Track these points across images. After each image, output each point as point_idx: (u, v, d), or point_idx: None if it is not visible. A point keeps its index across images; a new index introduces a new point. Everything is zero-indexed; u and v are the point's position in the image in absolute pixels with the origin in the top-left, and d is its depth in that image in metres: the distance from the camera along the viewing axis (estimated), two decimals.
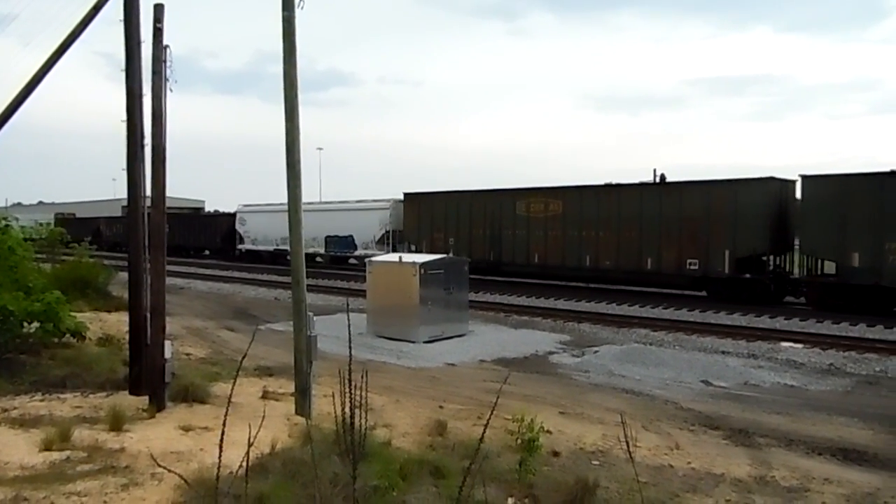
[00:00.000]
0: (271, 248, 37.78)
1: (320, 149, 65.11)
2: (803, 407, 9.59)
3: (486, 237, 26.85)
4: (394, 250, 28.57)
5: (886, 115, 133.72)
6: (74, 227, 53.26)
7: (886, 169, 17.89)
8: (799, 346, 14.23)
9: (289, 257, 7.72)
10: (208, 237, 44.53)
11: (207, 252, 44.87)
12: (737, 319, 17.89)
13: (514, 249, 26.01)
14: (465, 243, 27.35)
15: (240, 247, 40.65)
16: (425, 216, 29.16)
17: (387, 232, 31.37)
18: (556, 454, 6.88)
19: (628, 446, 4.72)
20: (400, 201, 31.08)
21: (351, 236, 33.58)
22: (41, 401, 8.22)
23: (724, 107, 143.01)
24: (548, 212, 25.16)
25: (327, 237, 34.49)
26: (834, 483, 6.35)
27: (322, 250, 35.22)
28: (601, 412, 8.83)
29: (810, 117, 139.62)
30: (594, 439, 7.53)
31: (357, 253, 33.13)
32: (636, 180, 24.09)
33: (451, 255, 24.36)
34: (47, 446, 6.15)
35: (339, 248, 34.63)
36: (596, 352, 13.54)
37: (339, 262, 36.03)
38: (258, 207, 39.65)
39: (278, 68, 7.84)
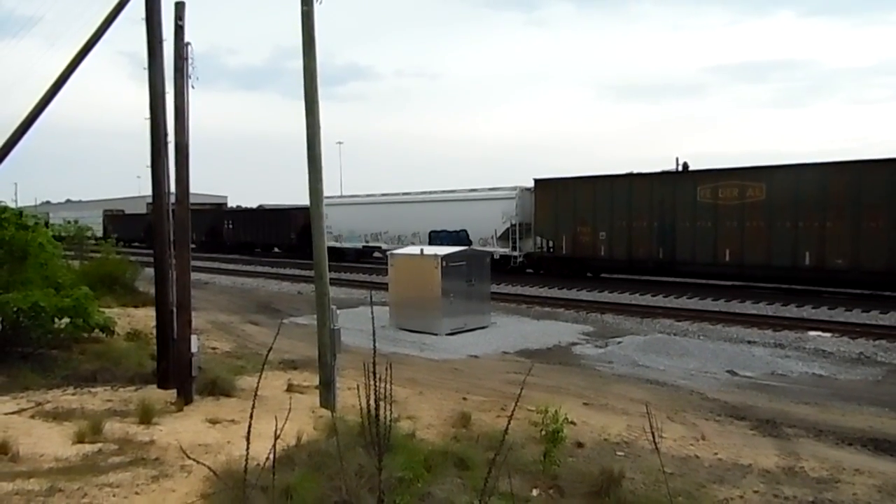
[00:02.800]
0: (359, 244, 33.85)
1: (340, 142, 65.34)
2: (832, 397, 9.43)
3: (653, 230, 22.28)
4: (514, 248, 26.20)
5: None
6: (124, 223, 52.69)
7: None
8: (827, 335, 13.99)
9: (377, 254, 7.63)
10: (279, 234, 40.32)
11: (277, 250, 41.50)
12: (763, 308, 17.65)
13: (695, 245, 21.32)
14: (622, 238, 23.08)
15: None
16: (565, 206, 24.52)
17: (512, 225, 26.39)
18: (580, 445, 6.86)
19: (653, 437, 4.68)
20: (528, 189, 26.55)
21: (464, 231, 28.33)
22: (73, 394, 8.40)
23: (746, 93, 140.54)
24: (744, 198, 20.39)
25: (431, 232, 29.57)
26: (865, 474, 6.24)
27: None
28: (625, 403, 8.78)
29: (834, 102, 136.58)
30: (619, 430, 7.49)
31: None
32: (658, 169, 23.58)
33: (602, 251, 23.35)
34: (80, 439, 6.29)
35: (449, 243, 28.68)
36: (619, 342, 13.45)
37: None
38: (342, 199, 35.57)
39: (298, 63, 7.91)
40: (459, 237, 28.27)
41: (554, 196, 25.16)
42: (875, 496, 5.72)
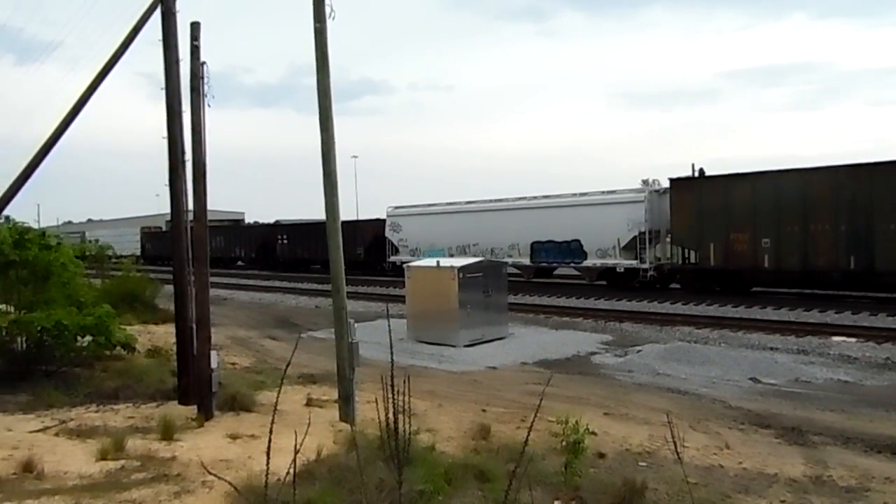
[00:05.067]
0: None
1: (355, 157, 65.67)
2: (859, 403, 9.26)
3: (839, 235, 18.39)
4: (637, 258, 22.86)
5: None
6: (161, 241, 50.45)
7: None
8: (852, 340, 13.76)
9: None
10: (345, 249, 38.05)
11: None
12: (784, 314, 17.40)
13: None
14: (793, 245, 19.16)
15: (393, 259, 31.71)
16: (713, 209, 20.77)
17: (641, 233, 22.69)
18: (601, 456, 6.78)
19: (676, 446, 4.62)
20: (659, 191, 23.11)
21: (576, 241, 24.78)
22: (96, 412, 8.49)
23: (762, 98, 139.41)
24: None
25: (534, 244, 26.13)
26: (895, 482, 6.11)
27: (526, 261, 26.61)
28: (646, 412, 8.68)
29: (852, 104, 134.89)
30: (640, 440, 7.40)
31: (587, 263, 24.78)
32: (672, 176, 23.02)
33: (766, 262, 19.58)
34: (103, 456, 6.34)
35: (556, 256, 25.86)
36: (639, 351, 13.32)
37: (548, 275, 27.96)
38: (417, 209, 31.93)
39: (312, 80, 7.98)
40: (571, 249, 25.05)
41: (697, 198, 21.37)
42: None
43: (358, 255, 35.09)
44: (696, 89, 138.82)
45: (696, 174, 22.56)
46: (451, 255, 27.19)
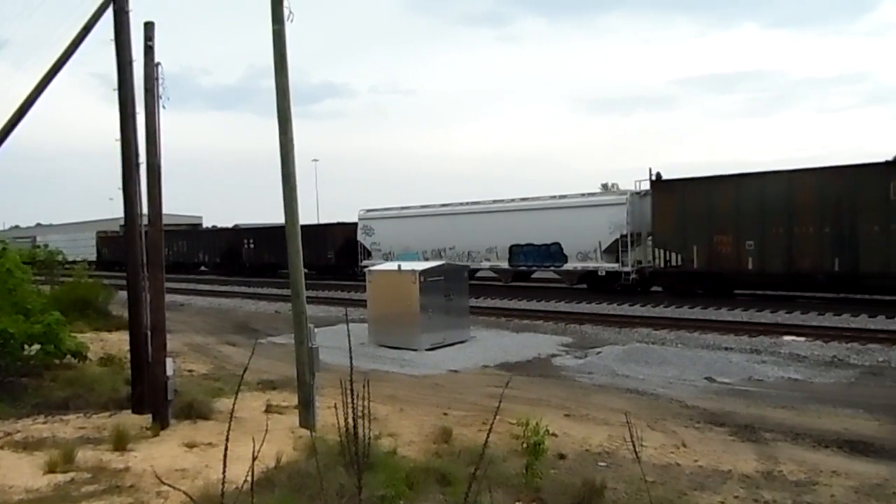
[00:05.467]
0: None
1: (316, 160, 65.13)
2: (808, 400, 9.57)
3: (824, 237, 18.37)
4: (618, 261, 22.86)
5: (875, 106, 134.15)
6: (118, 245, 49.94)
7: None
8: (801, 339, 14.22)
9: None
10: (314, 253, 33.61)
11: (311, 271, 34.64)
12: (738, 315, 17.89)
13: (889, 254, 17.38)
14: (778, 248, 19.13)
15: (365, 263, 29.30)
16: (696, 212, 20.65)
17: (623, 236, 22.57)
18: (562, 457, 6.86)
19: (634, 446, 4.71)
20: (640, 193, 22.95)
21: (556, 244, 24.53)
22: (44, 423, 8.20)
23: (715, 104, 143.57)
24: None
25: (513, 247, 25.82)
26: (842, 475, 6.33)
27: (504, 264, 26.32)
28: (606, 413, 8.81)
29: (801, 111, 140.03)
30: (600, 440, 7.51)
31: (567, 266, 24.55)
32: (632, 180, 23.44)
33: (750, 264, 19.48)
34: (51, 468, 6.13)
35: (535, 260, 25.49)
36: (598, 353, 13.52)
37: (526, 278, 27.62)
38: (391, 212, 31.26)
39: (272, 82, 7.89)
40: (551, 252, 24.76)
41: (680, 200, 21.18)
42: (852, 497, 5.81)
43: (329, 260, 34.46)
44: (654, 95, 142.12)
45: (653, 178, 23.03)
46: (427, 259, 26.39)
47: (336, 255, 33.91)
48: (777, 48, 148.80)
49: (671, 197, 21.52)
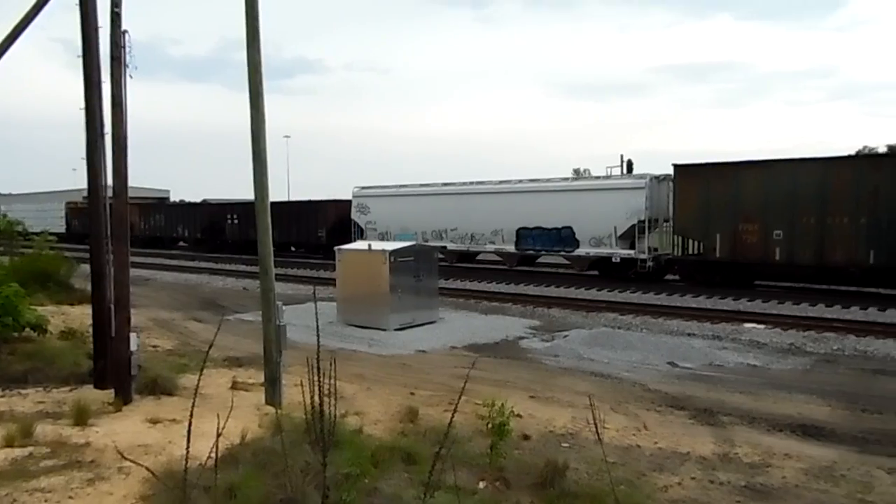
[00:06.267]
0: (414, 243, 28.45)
1: (287, 137, 64.26)
2: (765, 386, 9.86)
3: (860, 229, 17.66)
4: (632, 247, 22.16)
5: (842, 101, 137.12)
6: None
7: None
8: (761, 326, 14.61)
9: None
10: (304, 231, 33.72)
11: (300, 250, 35.19)
12: (702, 302, 18.27)
13: None
14: (808, 238, 18.40)
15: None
16: (721, 198, 19.86)
17: (640, 221, 21.84)
18: (526, 438, 6.97)
19: (597, 428, 4.80)
20: (658, 178, 22.25)
21: (568, 228, 23.69)
22: (1, 396, 8.02)
23: (688, 93, 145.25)
24: None
25: (521, 230, 24.93)
26: (794, 458, 6.57)
27: (511, 248, 25.50)
28: (570, 395, 8.96)
29: (771, 103, 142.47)
30: (564, 422, 7.65)
31: (579, 252, 23.70)
32: (604, 167, 23.43)
33: (777, 255, 18.84)
34: (8, 443, 6.01)
35: (544, 244, 24.56)
36: (565, 336, 13.70)
37: (531, 263, 26.91)
38: (389, 190, 30.20)
39: (243, 55, 7.73)
40: (562, 236, 23.82)
41: (704, 186, 20.30)
42: (802, 479, 6.03)
43: (319, 238, 32.98)
44: (628, 82, 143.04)
45: (625, 166, 23.28)
46: (426, 241, 26.14)
47: (327, 233, 32.30)
48: (749, 41, 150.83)
49: (694, 182, 20.64)
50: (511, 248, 25.45)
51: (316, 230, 33.02)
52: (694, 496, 5.60)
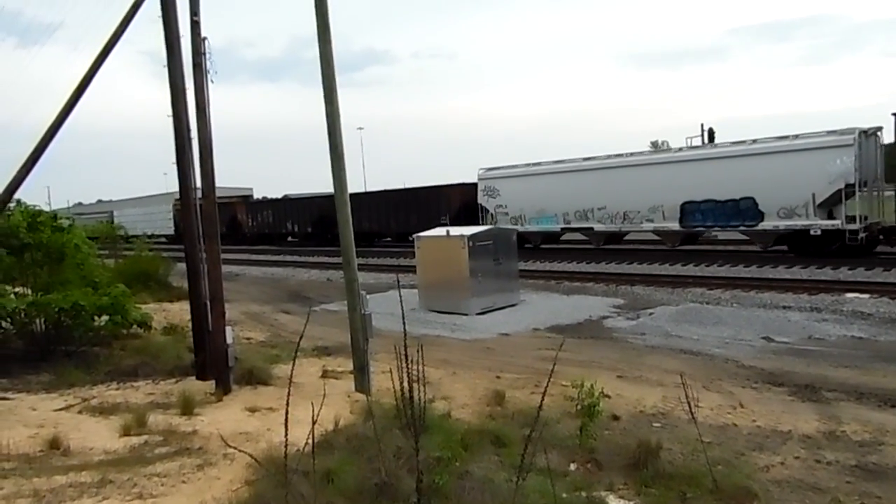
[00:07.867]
0: (554, 226, 25.77)
1: (361, 128, 65.04)
2: (873, 359, 9.25)
3: None
4: (839, 217, 18.81)
5: None
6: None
7: None
8: (865, 296, 13.69)
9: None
10: (424, 218, 29.54)
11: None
12: (797, 273, 17.31)
13: None
14: None
15: None
16: None
17: (848, 185, 18.41)
18: (616, 418, 6.86)
19: (690, 407, 4.66)
20: (866, 132, 18.81)
21: (749, 199, 20.34)
22: (116, 389, 8.65)
23: (771, 54, 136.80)
24: None
25: (685, 204, 21.81)
26: None
27: (674, 225, 22.33)
28: (659, 374, 8.73)
29: (865, 56, 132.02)
30: (654, 401, 7.46)
31: (764, 225, 20.29)
32: (684, 138, 21.93)
33: None
34: (126, 432, 6.48)
35: (717, 219, 21.37)
36: (651, 314, 13.34)
37: (693, 241, 23.98)
38: (519, 170, 27.27)
39: (314, 52, 7.88)
40: (740, 209, 20.55)
41: None
42: None
43: (443, 225, 30.94)
44: (704, 48, 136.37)
45: (707, 136, 22.21)
46: (568, 223, 24.89)
47: (452, 220, 28.84)
48: None
49: None
50: (674, 225, 22.31)
51: (439, 217, 29.56)
52: (799, 476, 5.34)
